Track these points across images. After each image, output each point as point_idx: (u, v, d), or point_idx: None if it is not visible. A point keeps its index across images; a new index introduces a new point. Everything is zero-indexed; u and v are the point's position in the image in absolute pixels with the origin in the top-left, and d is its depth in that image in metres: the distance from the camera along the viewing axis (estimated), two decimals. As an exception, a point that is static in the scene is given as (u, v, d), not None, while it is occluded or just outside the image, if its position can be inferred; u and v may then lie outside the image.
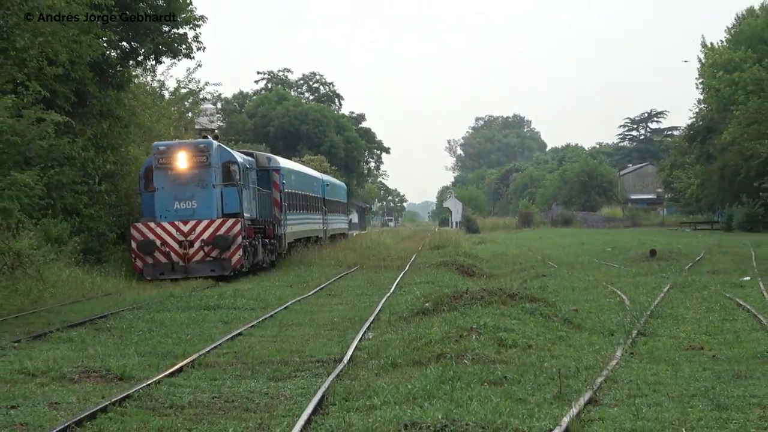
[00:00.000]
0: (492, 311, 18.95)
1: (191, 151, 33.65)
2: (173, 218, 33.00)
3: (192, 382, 14.07)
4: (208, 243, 32.53)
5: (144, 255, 32.59)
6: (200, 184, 33.43)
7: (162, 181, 33.53)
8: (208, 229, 32.67)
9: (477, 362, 14.35)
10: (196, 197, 33.31)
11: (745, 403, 11.91)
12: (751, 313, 20.99)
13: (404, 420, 10.55)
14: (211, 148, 33.85)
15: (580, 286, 28.91)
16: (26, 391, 13.45)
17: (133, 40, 46.67)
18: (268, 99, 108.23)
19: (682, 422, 10.86)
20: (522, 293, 21.75)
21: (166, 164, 33.32)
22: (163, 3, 46.93)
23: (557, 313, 20.18)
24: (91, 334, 19.55)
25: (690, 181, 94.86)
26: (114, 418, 11.58)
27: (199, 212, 33.16)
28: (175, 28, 48.28)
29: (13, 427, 11.19)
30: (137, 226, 33.12)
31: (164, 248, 32.47)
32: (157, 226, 32.78)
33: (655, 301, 23.66)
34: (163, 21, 47.30)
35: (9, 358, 16.08)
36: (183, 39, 48.96)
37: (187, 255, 32.61)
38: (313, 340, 18.35)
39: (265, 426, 11.06)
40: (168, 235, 32.62)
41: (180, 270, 32.55)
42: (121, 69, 45.46)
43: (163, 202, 33.44)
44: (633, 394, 12.51)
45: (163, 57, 49.95)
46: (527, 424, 10.69)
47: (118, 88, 46.04)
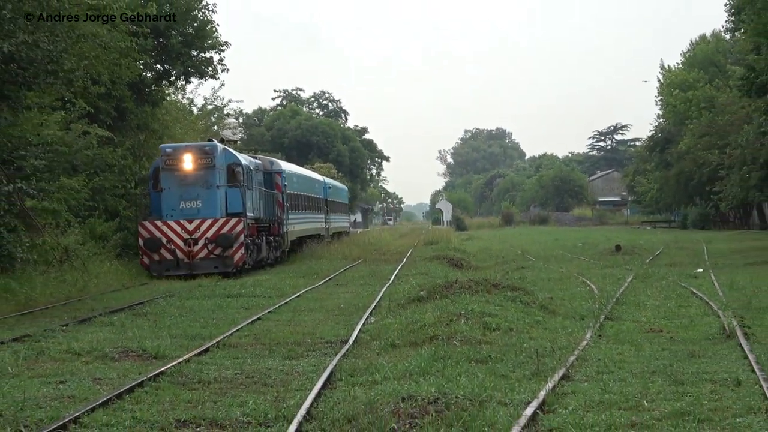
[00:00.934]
0: (478, 299, 18.94)
1: (196, 153, 31.52)
2: (179, 217, 30.91)
3: (217, 360, 14.07)
4: (212, 241, 30.48)
5: (150, 252, 30.60)
6: (205, 185, 31.31)
7: (168, 182, 31.42)
8: (211, 228, 30.57)
9: (465, 343, 14.35)
10: (200, 197, 31.20)
11: (698, 378, 11.91)
12: (703, 300, 21.02)
13: (402, 393, 10.54)
14: (215, 151, 31.72)
15: (555, 276, 28.95)
16: (73, 369, 13.46)
17: (166, 63, 46.72)
18: (284, 114, 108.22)
19: (643, 395, 10.85)
20: (504, 283, 21.74)
21: (173, 165, 31.21)
22: (192, 31, 47.00)
23: (535, 300, 20.18)
24: (130, 318, 19.55)
25: (650, 185, 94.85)
26: (149, 392, 11.57)
27: (203, 211, 31.05)
28: (202, 53, 48.34)
29: (62, 400, 11.17)
30: (144, 224, 31.10)
31: (170, 246, 30.46)
32: (163, 225, 30.74)
33: (620, 290, 23.68)
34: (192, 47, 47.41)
35: (58, 340, 16.07)
36: (209, 62, 49.01)
37: (191, 252, 30.51)
38: (322, 324, 18.35)
39: (281, 398, 11.04)
40: (173, 233, 30.56)
41: (185, 267, 30.54)
42: (155, 88, 45.51)
43: (169, 202, 31.33)
44: (601, 371, 12.51)
45: (192, 78, 50.06)
46: (509, 396, 10.70)
47: (152, 104, 46.10)
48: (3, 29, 24.38)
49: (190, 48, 47.22)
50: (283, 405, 10.58)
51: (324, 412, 10.16)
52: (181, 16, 46.31)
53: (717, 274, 28.21)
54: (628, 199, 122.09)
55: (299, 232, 44.32)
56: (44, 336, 16.56)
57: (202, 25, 47.52)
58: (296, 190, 44.18)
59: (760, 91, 48.40)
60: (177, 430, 9.68)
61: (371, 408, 10.01)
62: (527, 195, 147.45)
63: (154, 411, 10.46)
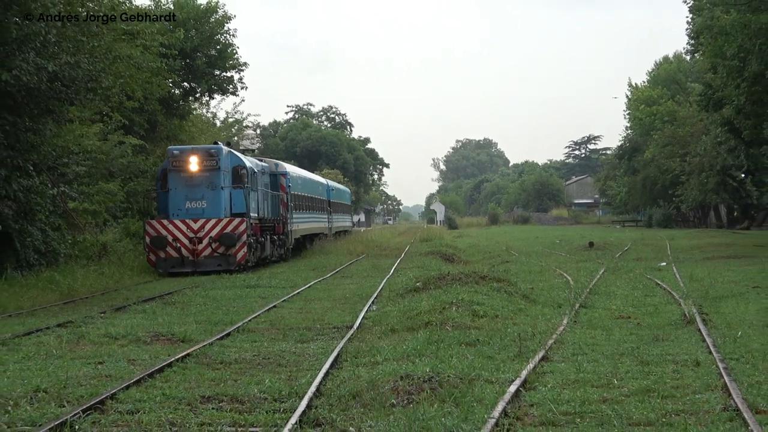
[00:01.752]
0: (468, 289, 18.94)
1: (202, 155, 29.32)
2: (184, 216, 28.86)
3: (237, 343, 14.06)
4: (216, 240, 28.50)
5: (156, 249, 28.48)
6: (210, 186, 29.21)
7: (175, 182, 29.27)
8: (215, 227, 28.59)
9: (456, 328, 14.35)
10: (205, 197, 29.11)
11: (662, 359, 11.91)
12: (666, 290, 21.02)
13: (400, 373, 10.54)
14: (220, 153, 29.58)
15: (535, 269, 28.92)
16: (110, 351, 13.46)
17: (192, 81, 46.87)
18: (296, 126, 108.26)
19: (613, 374, 10.85)
20: (491, 275, 21.75)
21: (179, 167, 29.10)
22: (215, 53, 47.18)
23: (518, 290, 20.18)
24: (160, 306, 19.55)
25: (619, 189, 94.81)
26: (177, 371, 11.57)
27: (208, 211, 29.01)
28: (224, 72, 48.53)
29: (100, 378, 11.18)
30: (151, 223, 28.94)
31: (175, 244, 28.45)
32: (169, 224, 28.64)
33: (592, 281, 23.67)
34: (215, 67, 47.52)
35: (97, 326, 16.08)
36: (230, 80, 49.18)
37: (196, 251, 28.49)
38: (330, 311, 18.35)
39: (293, 377, 11.04)
40: (179, 231, 28.52)
41: (189, 264, 28.56)
42: (183, 103, 45.66)
43: (176, 202, 29.18)
44: (576, 353, 12.51)
45: (215, 94, 50.27)
46: (495, 375, 10.69)
47: (180, 117, 46.21)
48: (48, 51, 24.38)
49: (214, 68, 47.41)
50: (296, 383, 10.58)
51: (331, 389, 10.17)
52: (205, 40, 46.47)
53: (678, 267, 28.22)
54: (600, 201, 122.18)
55: (303, 230, 42.58)
56: (84, 322, 16.58)
57: (224, 48, 47.69)
58: (300, 191, 42.31)
59: (716, 106, 48.50)
60: (202, 405, 9.67)
61: (373, 385, 10.01)
62: (511, 198, 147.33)
63: (182, 388, 10.46)
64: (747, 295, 19.56)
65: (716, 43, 40.88)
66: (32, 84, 23.56)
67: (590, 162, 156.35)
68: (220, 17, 47.40)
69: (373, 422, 8.57)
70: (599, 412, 8.92)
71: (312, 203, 45.97)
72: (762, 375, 10.62)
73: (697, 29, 42.71)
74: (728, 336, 13.62)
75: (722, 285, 22.03)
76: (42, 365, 12.12)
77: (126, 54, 28.78)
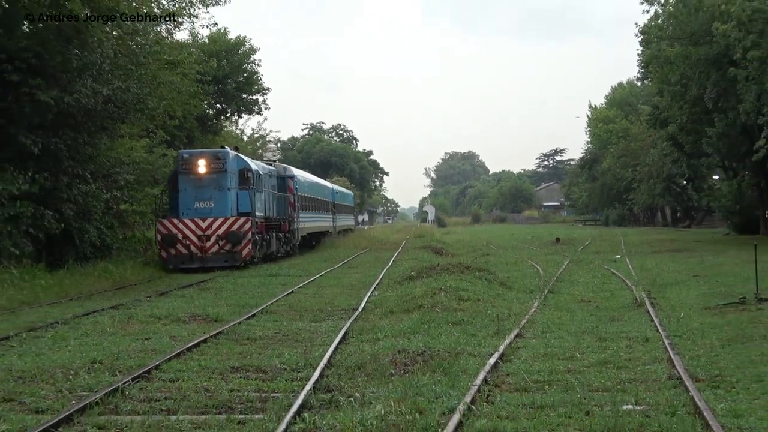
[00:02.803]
0: (454, 277, 18.96)
1: (210, 158, 26.73)
2: (193, 216, 26.31)
3: (261, 323, 14.07)
4: (223, 238, 26.09)
5: (167, 247, 25.97)
6: (217, 187, 26.64)
7: (185, 184, 26.69)
8: (222, 226, 26.10)
9: (444, 310, 14.35)
10: (213, 198, 26.58)
11: (617, 336, 11.91)
12: (620, 278, 21.04)
13: (398, 347, 10.55)
14: (227, 157, 26.98)
15: (511, 261, 28.93)
16: (155, 329, 13.47)
17: (223, 103, 46.92)
18: (310, 141, 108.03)
19: (576, 349, 10.86)
20: (473, 266, 21.77)
21: (189, 169, 26.57)
22: (243, 80, 47.24)
23: (496, 278, 20.19)
24: (197, 292, 19.56)
25: (581, 193, 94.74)
26: (211, 346, 11.57)
27: (215, 211, 26.46)
28: (250, 96, 48.56)
29: (146, 352, 11.18)
30: (162, 222, 26.29)
31: (185, 241, 25.94)
32: (179, 222, 26.11)
33: (559, 271, 23.69)
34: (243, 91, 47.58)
35: (143, 308, 16.09)
36: (255, 102, 49.23)
37: (204, 248, 26.02)
38: (339, 296, 18.34)
39: (308, 351, 11.04)
40: (188, 230, 26.02)
41: (198, 260, 26.05)
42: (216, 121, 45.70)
43: (185, 202, 26.63)
44: (545, 331, 12.52)
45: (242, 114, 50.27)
46: (477, 349, 10.70)
47: (214, 133, 46.23)
48: (103, 78, 24.42)
49: (242, 92, 47.50)
50: (310, 356, 10.58)
51: (340, 361, 10.16)
52: (234, 69, 46.55)
53: (630, 259, 28.22)
54: (565, 203, 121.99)
55: (309, 228, 39.84)
56: (133, 305, 16.59)
57: (251, 76, 47.78)
58: (307, 193, 39.55)
59: (662, 124, 48.53)
60: (231, 374, 9.67)
61: (375, 358, 10.02)
62: (490, 201, 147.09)
63: (215, 360, 10.47)
64: (688, 282, 19.60)
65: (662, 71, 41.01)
66: (90, 105, 23.62)
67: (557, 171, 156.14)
68: (247, 50, 47.48)
69: (375, 389, 8.57)
70: (564, 380, 8.93)
71: (318, 204, 43.56)
72: (701, 350, 10.64)
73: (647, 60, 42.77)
74: (672, 317, 13.63)
75: (667, 274, 22.06)
76: (98, 341, 12.14)
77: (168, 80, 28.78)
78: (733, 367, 9.43)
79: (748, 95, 33.45)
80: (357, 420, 7.18)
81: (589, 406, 7.73)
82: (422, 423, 7.09)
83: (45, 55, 22.21)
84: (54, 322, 14.01)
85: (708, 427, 6.78)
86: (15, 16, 22.02)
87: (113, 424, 7.48)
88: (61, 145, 23.76)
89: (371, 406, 7.73)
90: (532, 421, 7.27)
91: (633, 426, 7.03)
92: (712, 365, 9.63)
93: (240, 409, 8.05)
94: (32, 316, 15.26)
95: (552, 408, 7.73)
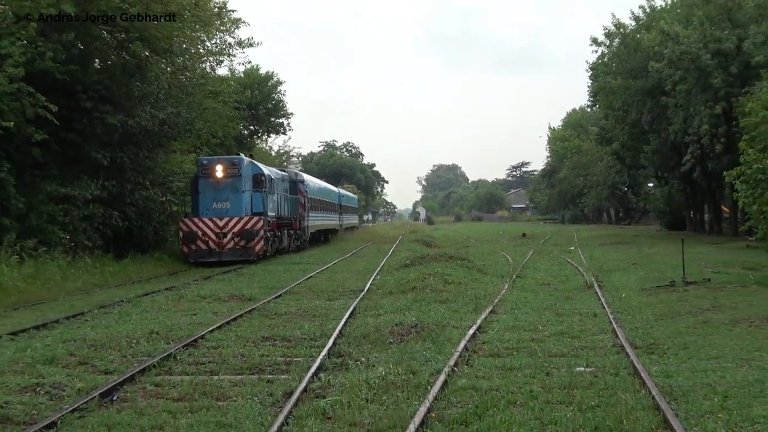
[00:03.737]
0: (441, 265, 18.94)
1: (226, 164, 24.67)
2: (212, 215, 24.16)
3: (286, 301, 14.05)
4: (238, 235, 23.91)
5: (189, 243, 23.77)
6: (233, 190, 24.54)
7: (204, 187, 24.60)
8: (238, 224, 23.93)
9: (433, 291, 14.33)
10: (229, 199, 24.52)
11: (571, 312, 11.89)
12: (574, 266, 21.00)
13: (395, 321, 10.53)
14: (242, 163, 24.82)
15: (486, 251, 28.89)
16: (200, 306, 13.45)
17: (255, 125, 46.83)
18: (325, 156, 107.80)
19: (538, 322, 10.85)
20: (456, 255, 21.73)
21: (208, 174, 24.53)
22: (271, 106, 47.19)
23: (474, 266, 20.17)
24: (234, 276, 19.54)
25: (543, 197, 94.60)
26: (246, 320, 11.56)
27: (231, 211, 24.36)
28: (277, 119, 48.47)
29: (194, 325, 11.17)
30: (184, 221, 24.07)
31: (204, 238, 23.77)
32: (199, 221, 23.88)
33: (524, 259, 23.66)
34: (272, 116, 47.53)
35: (191, 289, 16.08)
36: (281, 125, 49.16)
37: (221, 244, 23.78)
38: (348, 280, 18.30)
39: (323, 324, 11.02)
40: (207, 228, 23.78)
41: (216, 255, 23.71)
42: (249, 140, 45.56)
43: (205, 203, 24.58)
44: (513, 308, 12.49)
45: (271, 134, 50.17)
46: (459, 323, 10.68)
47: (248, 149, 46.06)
48: (159, 105, 24.43)
49: (270, 116, 47.43)
50: (325, 328, 10.57)
51: (349, 332, 10.15)
52: (264, 98, 46.55)
53: (582, 250, 28.17)
54: (529, 205, 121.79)
55: (318, 226, 37.54)
56: (183, 287, 16.57)
57: (277, 103, 47.73)
58: (316, 195, 37.23)
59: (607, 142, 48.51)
60: (262, 342, 9.66)
61: (377, 329, 10.01)
62: (470, 203, 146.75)
63: (248, 331, 10.46)
64: (628, 269, 19.56)
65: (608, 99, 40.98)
66: (148, 127, 23.61)
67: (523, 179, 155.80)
68: (274, 82, 47.46)
69: (377, 354, 8.56)
70: (529, 347, 8.92)
71: (326, 205, 41.16)
72: (638, 323, 10.62)
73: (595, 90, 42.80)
74: (616, 296, 13.61)
75: (612, 262, 22.03)
76: (155, 316, 12.12)
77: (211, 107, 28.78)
78: (665, 337, 9.42)
79: (677, 119, 33.66)
80: (363, 379, 7.18)
81: (549, 368, 7.73)
82: (415, 381, 7.09)
83: (113, 87, 22.20)
84: (120, 300, 14.01)
85: (644, 385, 6.77)
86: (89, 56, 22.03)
87: (167, 383, 7.48)
88: (125, 159, 23.75)
89: (374, 368, 7.73)
90: (503, 380, 7.26)
91: (584, 384, 7.02)
92: (647, 335, 9.61)
93: (269, 370, 8.04)
94: (102, 296, 15.26)
95: (519, 369, 7.72)
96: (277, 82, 47.58)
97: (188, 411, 6.45)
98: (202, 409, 6.50)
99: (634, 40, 36.85)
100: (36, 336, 10.21)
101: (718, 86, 30.78)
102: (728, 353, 8.25)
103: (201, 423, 6.03)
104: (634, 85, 37.14)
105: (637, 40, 36.24)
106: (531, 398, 6.50)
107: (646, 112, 37.31)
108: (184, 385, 7.31)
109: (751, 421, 5.74)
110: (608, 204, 71.06)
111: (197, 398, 6.88)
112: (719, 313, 11.00)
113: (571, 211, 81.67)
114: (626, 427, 5.64)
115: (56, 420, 6.13)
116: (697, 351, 8.48)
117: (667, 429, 5.57)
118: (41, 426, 5.95)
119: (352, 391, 6.78)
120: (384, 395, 6.68)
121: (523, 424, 5.75)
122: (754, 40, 30.00)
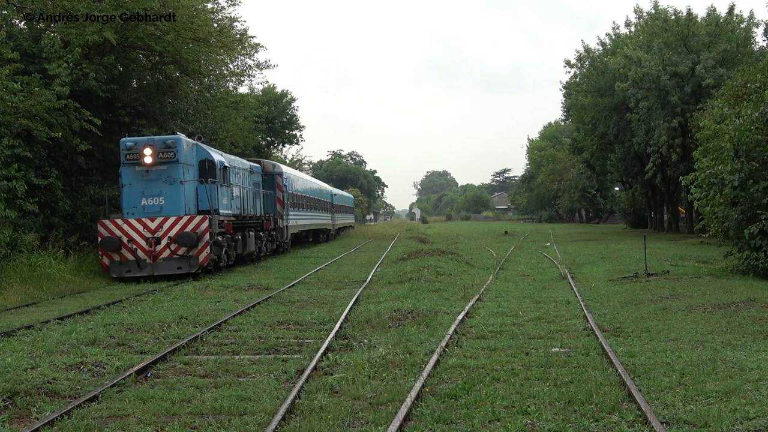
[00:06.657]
0: (434, 258, 18.92)
1: (158, 146, 16.19)
2: (140, 215, 16.06)
3: (298, 290, 14.01)
4: (174, 240, 15.74)
5: (110, 252, 15.68)
6: (168, 181, 16.21)
7: (129, 177, 16.29)
8: (174, 226, 15.77)
9: (427, 282, 14.29)
10: (163, 193, 16.20)
11: (548, 299, 11.86)
12: (550, 259, 20.96)
13: (394, 308, 10.51)
14: (178, 144, 16.28)
15: (473, 247, 28.83)
16: (224, 295, 13.41)
17: (272, 136, 46.74)
18: (332, 163, 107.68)
19: (519, 308, 10.81)
20: (447, 250, 21.72)
21: (134, 160, 16.16)
22: (286, 120, 47.14)
23: (463, 259, 20.15)
24: (253, 269, 19.47)
25: (523, 200, 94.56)
26: (263, 306, 11.53)
27: (166, 209, 16.15)
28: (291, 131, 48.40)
29: (218, 311, 11.15)
30: (104, 223, 15.87)
31: (131, 245, 15.68)
32: (123, 223, 15.80)
33: (507, 254, 23.63)
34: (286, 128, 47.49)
35: (216, 280, 16.01)
36: (294, 136, 49.05)
37: (153, 252, 15.73)
38: (353, 271, 18.26)
39: (331, 310, 10.98)
40: (135, 231, 15.77)
41: (147, 268, 15.73)
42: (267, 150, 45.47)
43: (131, 199, 16.28)
44: (497, 296, 12.46)
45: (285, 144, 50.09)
46: (450, 309, 10.64)
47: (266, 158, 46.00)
48: (189, 119, 24.42)
49: (285, 129, 47.34)
50: (332, 313, 10.53)
51: (354, 317, 10.12)
52: (280, 112, 46.54)
53: (557, 246, 28.14)
54: (511, 207, 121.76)
55: (301, 226, 28.66)
56: (209, 278, 16.52)
57: (291, 117, 47.66)
58: (299, 191, 28.62)
59: (579, 151, 48.59)
60: (277, 325, 9.64)
61: (378, 315, 9.98)
62: (459, 205, 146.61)
63: (266, 316, 10.42)
64: (597, 262, 19.52)
65: (579, 114, 41.06)
66: (179, 138, 23.58)
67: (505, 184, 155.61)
68: (289, 99, 47.47)
69: (378, 336, 8.54)
70: (511, 330, 8.89)
71: (314, 203, 32.58)
72: (606, 310, 10.59)
73: (568, 106, 42.95)
74: (586, 286, 13.58)
75: (583, 256, 22.01)
76: (184, 303, 12.08)
77: (233, 119, 28.73)
78: (629, 322, 9.40)
79: (639, 132, 33.81)
80: (365, 359, 7.16)
81: (528, 349, 7.70)
82: (411, 360, 7.06)
83: (148, 103, 22.19)
84: (153, 290, 13.97)
85: (611, 363, 6.74)
86: (128, 76, 22.03)
87: (195, 362, 7.46)
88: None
89: (375, 348, 7.71)
90: (488, 359, 7.23)
91: (559, 362, 7.00)
92: (614, 320, 9.58)
93: (284, 350, 8.02)
94: (138, 286, 15.21)
95: (502, 350, 7.69)
96: (290, 99, 47.56)
97: (213, 386, 6.44)
98: (225, 384, 6.49)
99: (601, 63, 37.03)
100: (80, 321, 10.19)
101: (675, 103, 31.07)
102: (684, 336, 8.22)
103: (224, 396, 6.02)
104: (602, 102, 37.32)
105: (605, 63, 36.39)
106: (512, 375, 6.48)
107: (612, 125, 37.49)
108: (209, 364, 7.28)
109: (704, 395, 5.73)
110: (580, 205, 71.16)
111: (221, 375, 6.87)
112: (677, 301, 10.97)
113: (547, 211, 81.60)
114: (596, 400, 5.62)
115: (98, 394, 6.10)
116: (657, 334, 8.46)
117: (632, 402, 5.54)
118: (85, 399, 5.93)
119: (356, 368, 6.76)
120: (384, 372, 6.65)
121: (506, 398, 5.73)
122: (705, 64, 30.71)
